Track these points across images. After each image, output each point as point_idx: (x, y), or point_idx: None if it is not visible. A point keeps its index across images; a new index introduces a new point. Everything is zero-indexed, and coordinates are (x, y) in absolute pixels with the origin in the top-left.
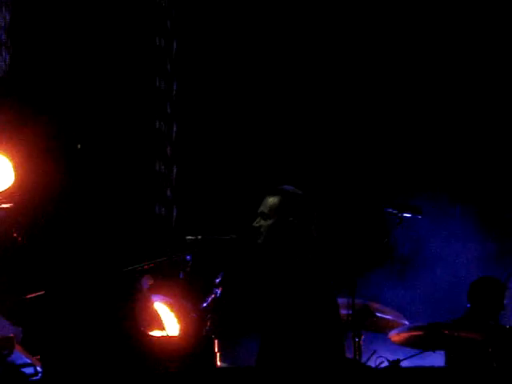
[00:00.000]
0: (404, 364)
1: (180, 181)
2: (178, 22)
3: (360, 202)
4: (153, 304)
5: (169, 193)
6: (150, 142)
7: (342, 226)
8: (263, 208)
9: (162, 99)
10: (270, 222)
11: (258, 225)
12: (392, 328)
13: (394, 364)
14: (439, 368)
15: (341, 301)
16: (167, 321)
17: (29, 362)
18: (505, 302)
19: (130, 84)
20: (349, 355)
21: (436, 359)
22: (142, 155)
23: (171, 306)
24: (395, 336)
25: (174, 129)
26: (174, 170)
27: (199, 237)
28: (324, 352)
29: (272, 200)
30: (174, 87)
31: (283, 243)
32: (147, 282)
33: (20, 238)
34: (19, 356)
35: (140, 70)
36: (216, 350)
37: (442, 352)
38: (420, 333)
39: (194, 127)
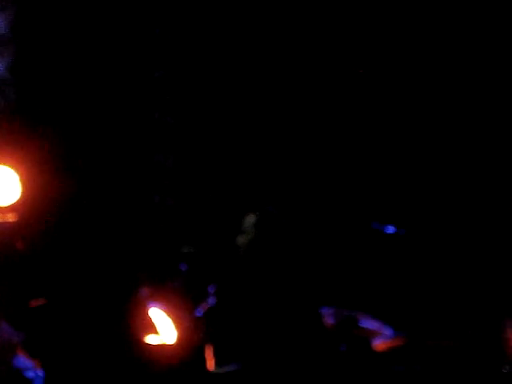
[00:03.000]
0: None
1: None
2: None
3: (346, 216)
4: (149, 312)
5: (171, 202)
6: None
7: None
8: (243, 226)
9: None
10: (249, 237)
11: (239, 243)
12: (376, 337)
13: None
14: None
15: (326, 310)
16: (163, 328)
17: (30, 366)
18: None
19: (128, 75)
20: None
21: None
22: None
23: (169, 314)
24: (379, 345)
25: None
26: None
27: (194, 248)
28: (306, 360)
29: (250, 217)
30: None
31: (262, 257)
32: (144, 290)
33: (25, 251)
34: (21, 360)
35: (138, 60)
36: (209, 356)
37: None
38: (404, 341)
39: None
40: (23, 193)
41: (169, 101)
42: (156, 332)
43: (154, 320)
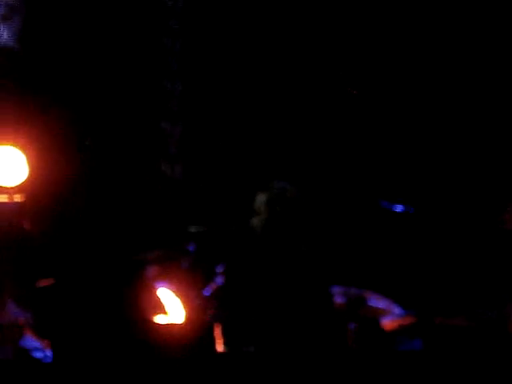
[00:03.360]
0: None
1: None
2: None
3: (356, 195)
4: (157, 291)
5: (179, 175)
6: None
7: (339, 218)
8: (254, 206)
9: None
10: (262, 217)
11: (253, 224)
12: (385, 316)
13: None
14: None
15: (335, 289)
16: (172, 308)
17: (39, 346)
18: None
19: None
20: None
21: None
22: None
23: (177, 293)
24: (388, 324)
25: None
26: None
27: (203, 228)
28: (316, 340)
29: (261, 196)
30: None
31: (276, 236)
32: (152, 270)
33: (32, 231)
34: (29, 340)
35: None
36: (218, 336)
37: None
38: (413, 320)
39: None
40: (30, 173)
41: (177, 68)
42: (164, 311)
43: (162, 300)
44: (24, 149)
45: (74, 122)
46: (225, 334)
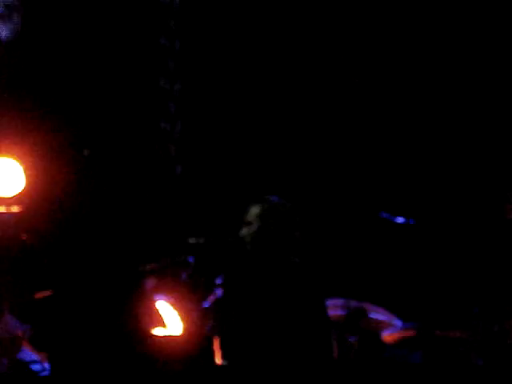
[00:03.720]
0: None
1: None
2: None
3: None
4: (155, 304)
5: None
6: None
7: (335, 229)
8: (247, 217)
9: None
10: (253, 228)
11: (243, 234)
12: (385, 328)
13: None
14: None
15: (336, 302)
16: (170, 320)
17: (37, 359)
18: None
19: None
20: (342, 356)
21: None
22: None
23: (175, 306)
24: (388, 336)
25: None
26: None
27: (202, 240)
28: (313, 351)
29: (254, 208)
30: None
31: (268, 247)
32: (150, 282)
33: (30, 242)
34: (27, 353)
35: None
36: (217, 348)
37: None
38: (413, 333)
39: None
40: (27, 184)
41: (175, 69)
42: (162, 324)
43: (160, 312)
44: (21, 159)
45: (71, 130)
46: (223, 347)
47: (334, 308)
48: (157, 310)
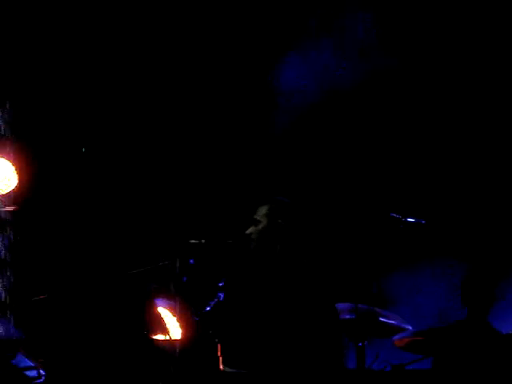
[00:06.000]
0: (407, 368)
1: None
2: None
3: (362, 207)
4: (156, 308)
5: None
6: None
7: (344, 230)
8: (255, 215)
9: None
10: (260, 226)
11: (249, 232)
12: (395, 333)
13: (398, 368)
14: (441, 370)
15: (345, 306)
16: (170, 324)
17: (32, 365)
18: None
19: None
20: (352, 360)
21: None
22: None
23: (174, 310)
24: (399, 341)
25: None
26: None
27: (203, 241)
28: (322, 355)
29: (262, 208)
30: None
31: (274, 246)
32: (151, 285)
33: (24, 241)
34: (22, 359)
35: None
36: (218, 353)
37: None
38: (423, 338)
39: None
40: (19, 182)
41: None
42: (163, 328)
43: (160, 316)
44: (12, 158)
45: (68, 129)
46: (225, 352)
47: (343, 312)
48: (157, 314)
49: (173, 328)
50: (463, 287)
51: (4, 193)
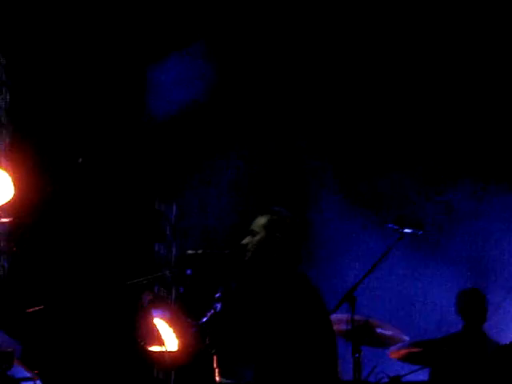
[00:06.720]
0: (404, 379)
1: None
2: None
3: None
4: (153, 319)
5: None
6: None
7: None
8: (253, 226)
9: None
10: (257, 237)
11: (246, 242)
12: (392, 344)
13: (395, 380)
14: (439, 381)
15: (341, 316)
16: (166, 335)
17: (28, 376)
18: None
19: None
20: (348, 371)
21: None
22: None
23: (170, 321)
24: (395, 352)
25: None
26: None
27: (199, 251)
28: (317, 366)
29: (261, 218)
30: None
31: (270, 258)
32: (147, 296)
33: (20, 253)
34: (19, 370)
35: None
36: (215, 365)
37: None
38: (420, 349)
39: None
40: (16, 193)
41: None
42: (159, 339)
43: (156, 327)
44: (9, 169)
45: (64, 140)
46: (221, 364)
47: (340, 323)
48: (153, 325)
49: (169, 339)
50: (459, 298)
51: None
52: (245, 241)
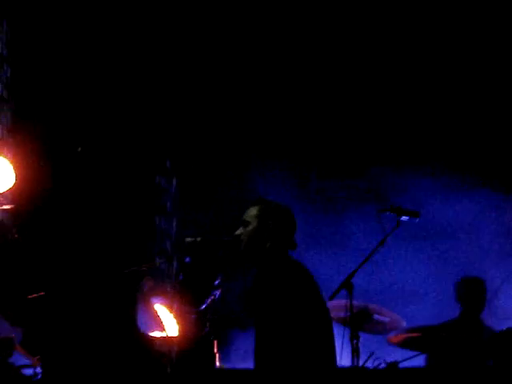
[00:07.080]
0: (401, 365)
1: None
2: None
3: None
4: (153, 305)
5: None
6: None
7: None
8: (245, 217)
9: None
10: (250, 227)
11: (239, 233)
12: (390, 330)
13: (392, 365)
14: (436, 368)
15: (339, 302)
16: (167, 322)
17: (29, 363)
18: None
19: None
20: (347, 357)
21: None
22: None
23: (170, 308)
24: (393, 338)
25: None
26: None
27: (198, 238)
28: (314, 353)
29: (252, 209)
30: None
31: (265, 246)
32: (147, 283)
33: (21, 240)
34: (19, 357)
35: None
36: (215, 350)
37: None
38: (418, 334)
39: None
40: (17, 181)
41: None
42: (159, 325)
43: (157, 313)
44: (11, 157)
45: (61, 129)
46: (221, 349)
47: (337, 309)
48: (154, 312)
49: (169, 325)
50: (460, 285)
51: (1, 192)
52: (238, 232)
